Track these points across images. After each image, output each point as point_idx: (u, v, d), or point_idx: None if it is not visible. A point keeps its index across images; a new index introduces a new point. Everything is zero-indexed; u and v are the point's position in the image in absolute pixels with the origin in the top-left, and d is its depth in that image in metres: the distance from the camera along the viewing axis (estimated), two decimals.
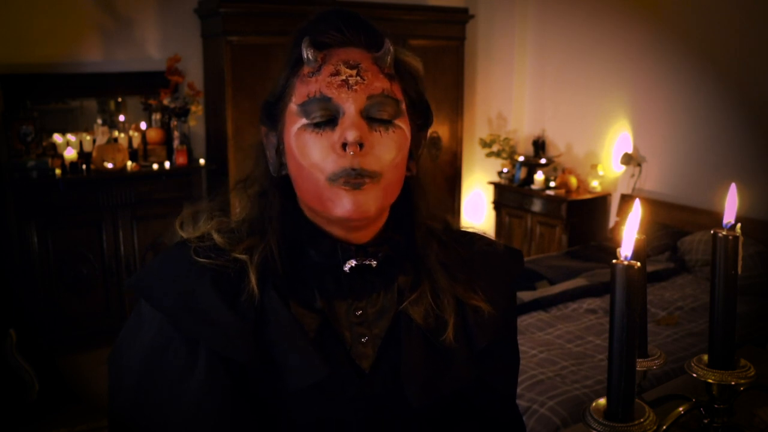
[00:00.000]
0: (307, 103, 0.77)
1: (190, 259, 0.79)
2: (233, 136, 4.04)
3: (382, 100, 0.78)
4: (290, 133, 0.79)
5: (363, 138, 0.75)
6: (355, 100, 0.76)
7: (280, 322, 0.78)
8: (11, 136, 3.65)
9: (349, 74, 0.77)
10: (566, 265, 3.89)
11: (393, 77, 0.80)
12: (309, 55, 0.77)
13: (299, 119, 0.78)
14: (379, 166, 0.77)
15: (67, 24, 3.81)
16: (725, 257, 0.78)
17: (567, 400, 2.34)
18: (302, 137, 0.77)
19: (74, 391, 3.17)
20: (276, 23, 3.97)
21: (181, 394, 0.76)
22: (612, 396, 0.66)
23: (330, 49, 0.79)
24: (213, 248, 0.80)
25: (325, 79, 0.77)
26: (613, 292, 0.64)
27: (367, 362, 0.81)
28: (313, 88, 0.77)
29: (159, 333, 0.78)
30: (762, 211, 3.55)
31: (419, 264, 0.85)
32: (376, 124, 0.78)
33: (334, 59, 0.78)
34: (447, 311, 0.84)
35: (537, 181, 4.68)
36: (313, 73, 0.78)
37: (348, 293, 0.81)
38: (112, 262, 3.82)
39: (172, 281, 0.79)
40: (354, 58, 0.78)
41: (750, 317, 3.08)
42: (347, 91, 0.76)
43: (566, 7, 4.73)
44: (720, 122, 3.93)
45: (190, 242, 0.81)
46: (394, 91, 0.79)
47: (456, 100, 5.00)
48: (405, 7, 4.66)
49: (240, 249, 0.80)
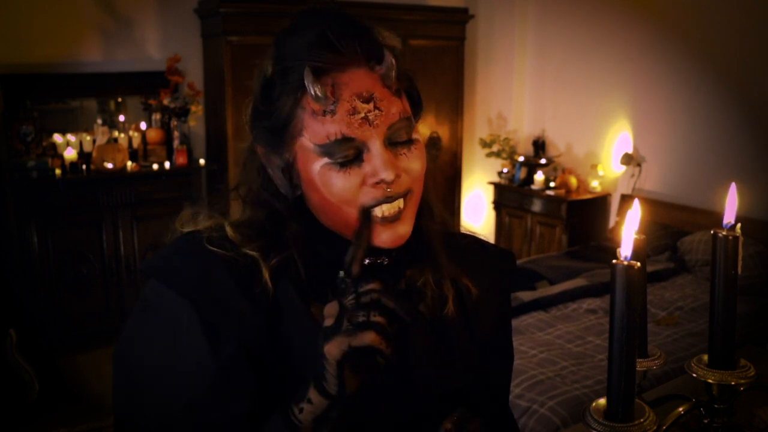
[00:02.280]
0: (329, 145, 0.75)
1: (203, 247, 0.79)
2: (233, 136, 4.04)
3: (401, 125, 0.78)
4: (311, 169, 0.78)
5: (396, 172, 0.76)
6: (378, 135, 0.76)
7: (296, 318, 0.79)
8: (11, 136, 3.65)
9: (367, 110, 0.75)
10: (566, 265, 3.89)
11: (400, 91, 0.79)
12: (317, 92, 0.74)
13: (320, 158, 0.77)
14: (410, 183, 0.79)
15: (67, 24, 3.81)
16: (725, 257, 0.78)
17: (567, 400, 2.34)
18: (328, 176, 0.76)
19: (74, 391, 3.17)
20: (276, 23, 3.88)
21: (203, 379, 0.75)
22: (612, 396, 0.66)
23: (330, 75, 0.76)
24: (225, 239, 0.81)
25: (343, 119, 0.75)
26: (613, 292, 0.64)
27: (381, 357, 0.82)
28: (332, 129, 0.75)
29: (175, 320, 0.77)
30: (762, 211, 3.55)
31: (425, 249, 0.87)
32: (400, 147, 0.78)
33: (346, 93, 0.75)
34: (446, 286, 0.87)
35: (537, 181, 4.68)
36: (327, 112, 0.75)
37: None
38: (112, 262, 3.82)
39: (188, 265, 0.79)
40: (365, 87, 0.76)
41: (750, 317, 3.08)
42: (369, 127, 0.75)
43: (566, 7, 4.73)
44: (720, 122, 3.93)
45: (201, 232, 0.82)
46: (405, 107, 0.79)
47: (456, 100, 5.00)
48: (405, 7, 4.66)
49: (252, 246, 0.80)
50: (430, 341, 0.85)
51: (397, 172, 0.76)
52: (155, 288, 0.80)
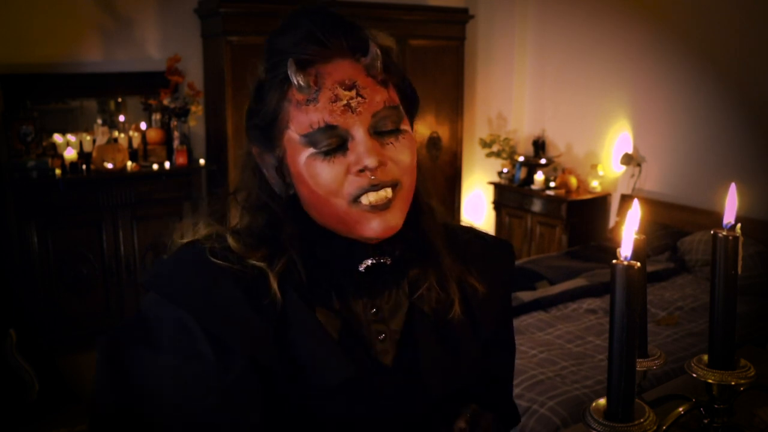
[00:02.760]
0: (313, 134, 0.75)
1: (206, 259, 0.77)
2: (233, 136, 4.04)
3: (386, 113, 0.77)
4: (298, 162, 0.77)
5: (380, 159, 0.75)
6: (361, 122, 0.75)
7: (303, 325, 0.78)
8: (11, 136, 3.64)
9: (349, 97, 0.75)
10: (566, 265, 3.88)
11: (386, 81, 0.79)
12: (299, 81, 0.75)
13: (306, 149, 0.76)
14: (398, 174, 0.78)
15: (67, 24, 3.80)
16: (725, 257, 0.78)
17: (567, 400, 2.34)
18: (313, 166, 0.76)
19: (74, 391, 3.17)
20: (276, 23, 3.92)
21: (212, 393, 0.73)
22: (612, 396, 0.66)
23: (315, 67, 0.76)
24: (228, 250, 0.79)
25: (325, 107, 0.75)
26: (613, 292, 0.64)
27: (388, 358, 0.82)
28: (315, 117, 0.75)
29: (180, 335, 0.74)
30: (762, 211, 3.55)
31: (427, 250, 0.86)
32: (386, 136, 0.77)
33: (328, 82, 0.75)
34: (451, 288, 0.86)
35: (537, 181, 4.68)
36: (309, 101, 0.75)
37: (364, 292, 0.82)
38: (112, 262, 3.82)
39: (192, 279, 0.77)
40: (348, 76, 0.76)
41: (750, 317, 3.08)
42: (351, 115, 0.75)
43: (566, 7, 4.73)
44: (720, 122, 3.93)
45: (202, 242, 0.80)
46: (392, 97, 0.79)
47: (456, 100, 5.00)
48: (405, 7, 4.66)
49: (257, 257, 0.79)
50: (435, 342, 0.84)
51: (382, 160, 0.76)
52: (157, 302, 0.77)
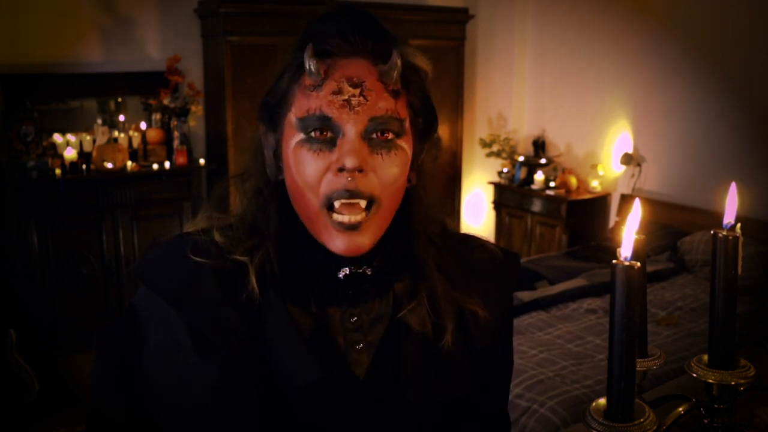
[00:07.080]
0: (306, 119, 0.75)
1: (187, 253, 0.79)
2: (233, 136, 4.04)
3: (385, 121, 0.75)
4: (289, 145, 0.77)
5: (362, 164, 0.73)
6: (356, 122, 0.74)
7: (277, 322, 0.77)
8: (11, 136, 3.64)
9: (351, 93, 0.74)
10: (566, 265, 3.88)
11: (398, 93, 0.77)
12: (311, 66, 0.74)
13: (298, 133, 0.76)
14: (378, 191, 0.75)
15: (67, 24, 3.80)
16: (725, 257, 0.78)
17: (567, 400, 2.34)
18: (300, 153, 0.75)
19: (74, 391, 3.17)
20: (276, 23, 3.97)
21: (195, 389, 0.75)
22: (612, 396, 0.66)
23: (334, 59, 0.75)
24: (213, 244, 0.80)
25: (326, 97, 0.74)
26: (613, 292, 0.64)
27: (360, 369, 0.80)
28: (314, 104, 0.74)
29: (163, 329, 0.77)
30: (762, 211, 3.55)
31: (417, 271, 0.84)
32: (378, 145, 0.75)
33: (338, 74, 0.74)
34: (446, 317, 0.83)
35: (537, 181, 4.68)
36: (314, 87, 0.75)
37: (342, 300, 0.80)
38: (111, 262, 3.82)
39: (175, 272, 0.78)
40: (358, 74, 0.75)
41: (750, 317, 3.08)
42: (348, 112, 0.73)
43: (566, 8, 4.73)
44: (720, 122, 3.93)
45: (192, 235, 0.81)
46: (399, 110, 0.77)
47: (456, 101, 5.00)
48: (405, 7, 4.66)
49: (241, 251, 0.79)
50: (420, 354, 0.82)
51: (365, 167, 0.73)
52: (146, 295, 0.80)
